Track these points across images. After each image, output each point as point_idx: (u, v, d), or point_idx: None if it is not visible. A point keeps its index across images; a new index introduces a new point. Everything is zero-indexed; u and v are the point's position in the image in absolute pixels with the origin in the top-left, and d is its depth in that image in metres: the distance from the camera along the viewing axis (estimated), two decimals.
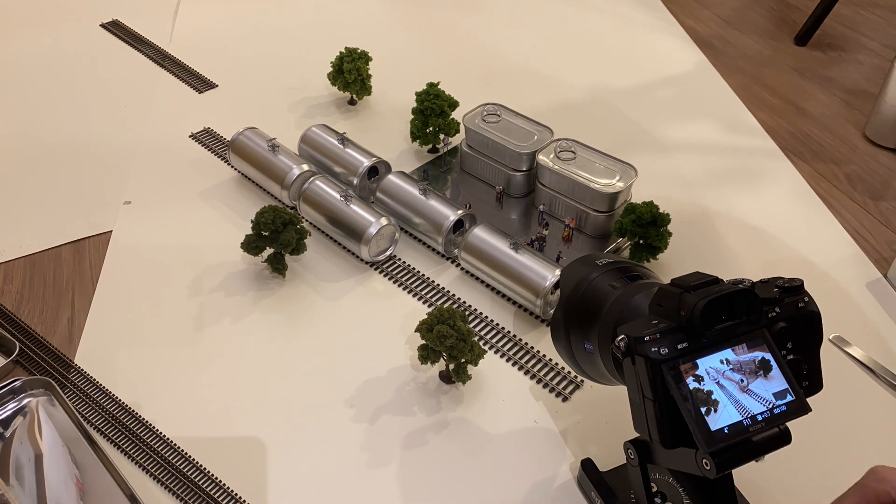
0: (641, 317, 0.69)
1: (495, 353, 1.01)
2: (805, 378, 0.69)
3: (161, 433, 0.91)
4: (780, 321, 0.68)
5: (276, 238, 1.06)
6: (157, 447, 0.89)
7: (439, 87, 1.27)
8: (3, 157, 1.31)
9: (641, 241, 1.07)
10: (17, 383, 0.91)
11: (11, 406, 0.91)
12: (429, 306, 1.07)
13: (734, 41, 1.70)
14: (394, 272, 1.12)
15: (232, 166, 1.29)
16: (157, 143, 1.35)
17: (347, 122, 1.40)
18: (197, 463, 0.88)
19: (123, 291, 1.08)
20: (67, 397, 0.92)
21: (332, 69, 1.39)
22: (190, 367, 0.99)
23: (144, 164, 1.30)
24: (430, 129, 1.28)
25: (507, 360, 1.00)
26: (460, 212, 1.12)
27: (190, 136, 1.36)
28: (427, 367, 0.98)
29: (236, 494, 0.85)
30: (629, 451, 0.74)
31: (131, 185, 1.26)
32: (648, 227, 1.05)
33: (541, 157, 1.17)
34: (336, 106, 1.44)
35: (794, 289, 0.70)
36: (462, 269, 1.12)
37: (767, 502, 0.85)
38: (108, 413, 0.93)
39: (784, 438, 0.66)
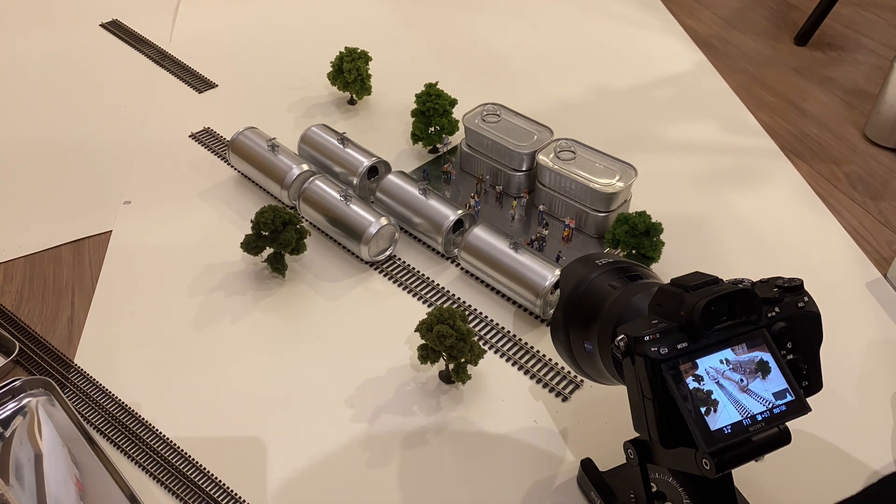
0: (641, 317, 0.69)
1: (495, 353, 1.01)
2: (805, 378, 0.69)
3: (161, 433, 0.91)
4: (780, 321, 0.68)
5: (275, 238, 1.06)
6: (157, 447, 0.89)
7: (437, 86, 1.27)
8: (4, 157, 1.31)
9: (634, 252, 1.07)
10: (17, 383, 0.91)
11: (11, 406, 0.91)
12: (429, 306, 1.07)
13: (734, 41, 1.70)
14: (394, 272, 1.12)
15: (232, 166, 1.29)
16: (157, 143, 1.35)
17: (347, 122, 1.40)
18: (197, 463, 0.88)
19: (123, 291, 1.08)
20: (67, 397, 0.92)
21: (331, 69, 1.39)
22: (190, 367, 0.99)
23: (144, 164, 1.30)
24: (433, 128, 1.28)
25: (507, 360, 1.00)
26: (460, 212, 1.12)
27: (190, 136, 1.36)
28: (427, 367, 0.98)
29: (236, 494, 0.85)
30: (629, 451, 0.74)
31: (131, 185, 1.26)
32: (642, 237, 1.05)
33: (541, 157, 1.17)
34: (336, 106, 1.44)
35: (793, 289, 0.70)
36: (462, 269, 1.12)
37: (767, 502, 0.85)
38: (108, 413, 0.93)
39: (784, 438, 0.66)
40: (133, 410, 0.93)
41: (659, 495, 0.76)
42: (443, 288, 1.10)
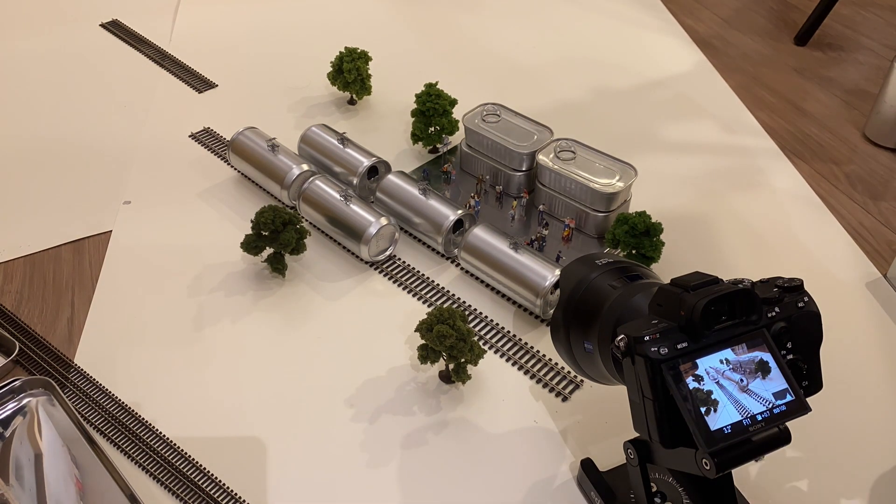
0: (641, 317, 0.69)
1: (495, 353, 1.01)
2: (805, 378, 0.69)
3: (161, 433, 0.91)
4: (780, 321, 0.68)
5: (275, 238, 1.06)
6: (157, 447, 0.89)
7: (437, 86, 1.27)
8: (3, 157, 1.31)
9: (634, 252, 1.07)
10: (17, 383, 0.91)
11: (11, 406, 0.91)
12: (429, 306, 1.07)
13: (734, 41, 1.70)
14: (394, 272, 1.12)
15: (232, 166, 1.29)
16: (157, 143, 1.35)
17: (347, 122, 1.40)
18: (197, 463, 0.88)
19: (123, 291, 1.08)
20: (67, 397, 0.92)
21: (331, 69, 1.39)
22: (190, 367, 0.99)
23: (144, 164, 1.30)
24: (433, 128, 1.28)
25: (507, 360, 1.00)
26: (460, 212, 1.12)
27: (190, 136, 1.36)
28: (427, 367, 0.98)
29: (236, 494, 0.85)
30: (629, 451, 0.74)
31: (131, 185, 1.26)
32: (642, 237, 1.05)
33: (541, 157, 1.17)
34: (336, 106, 1.44)
35: (793, 289, 0.70)
36: (462, 269, 1.13)
37: (767, 502, 0.85)
38: (108, 413, 0.93)
39: (784, 438, 0.66)
40: (133, 410, 0.93)
41: (659, 495, 0.76)
42: (443, 288, 1.10)
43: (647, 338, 0.64)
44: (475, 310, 1.07)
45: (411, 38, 1.65)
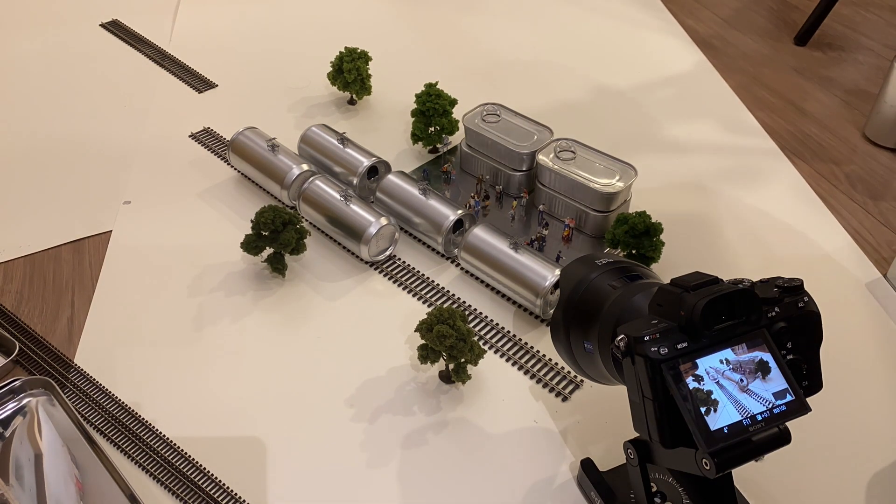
0: (641, 317, 0.69)
1: (495, 353, 1.01)
2: (805, 378, 0.69)
3: (161, 433, 0.91)
4: (780, 321, 0.68)
5: (275, 238, 1.06)
6: (157, 447, 0.89)
7: (437, 86, 1.27)
8: (3, 157, 1.31)
9: (634, 252, 1.07)
10: (17, 383, 0.91)
11: (11, 406, 0.91)
12: (429, 306, 1.07)
13: (734, 41, 1.70)
14: (394, 272, 1.12)
15: (232, 166, 1.29)
16: (157, 143, 1.35)
17: (347, 122, 1.40)
18: (197, 463, 0.88)
19: (123, 291, 1.08)
20: (67, 397, 0.92)
21: (331, 69, 1.39)
22: (190, 367, 0.99)
23: (144, 164, 1.30)
24: (433, 128, 1.28)
25: (507, 360, 1.00)
26: (460, 212, 1.12)
27: (190, 136, 1.36)
28: (427, 367, 0.98)
29: (236, 494, 0.85)
30: (629, 451, 0.74)
31: (131, 185, 1.26)
32: (642, 237, 1.05)
33: (541, 157, 1.17)
34: (336, 106, 1.44)
35: (793, 289, 0.70)
36: (462, 269, 1.13)
37: (767, 502, 0.85)
38: (108, 413, 0.93)
39: (784, 438, 0.66)
40: (133, 410, 0.93)
41: (659, 495, 0.76)
42: (443, 288, 1.10)
43: (647, 338, 0.64)
44: (475, 310, 1.07)
45: (411, 38, 1.65)
